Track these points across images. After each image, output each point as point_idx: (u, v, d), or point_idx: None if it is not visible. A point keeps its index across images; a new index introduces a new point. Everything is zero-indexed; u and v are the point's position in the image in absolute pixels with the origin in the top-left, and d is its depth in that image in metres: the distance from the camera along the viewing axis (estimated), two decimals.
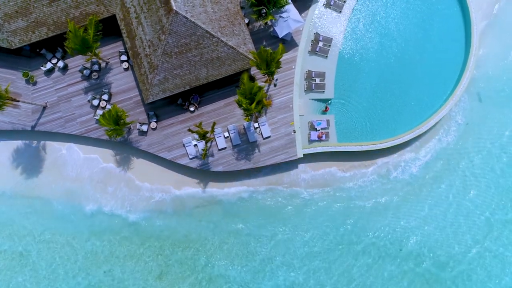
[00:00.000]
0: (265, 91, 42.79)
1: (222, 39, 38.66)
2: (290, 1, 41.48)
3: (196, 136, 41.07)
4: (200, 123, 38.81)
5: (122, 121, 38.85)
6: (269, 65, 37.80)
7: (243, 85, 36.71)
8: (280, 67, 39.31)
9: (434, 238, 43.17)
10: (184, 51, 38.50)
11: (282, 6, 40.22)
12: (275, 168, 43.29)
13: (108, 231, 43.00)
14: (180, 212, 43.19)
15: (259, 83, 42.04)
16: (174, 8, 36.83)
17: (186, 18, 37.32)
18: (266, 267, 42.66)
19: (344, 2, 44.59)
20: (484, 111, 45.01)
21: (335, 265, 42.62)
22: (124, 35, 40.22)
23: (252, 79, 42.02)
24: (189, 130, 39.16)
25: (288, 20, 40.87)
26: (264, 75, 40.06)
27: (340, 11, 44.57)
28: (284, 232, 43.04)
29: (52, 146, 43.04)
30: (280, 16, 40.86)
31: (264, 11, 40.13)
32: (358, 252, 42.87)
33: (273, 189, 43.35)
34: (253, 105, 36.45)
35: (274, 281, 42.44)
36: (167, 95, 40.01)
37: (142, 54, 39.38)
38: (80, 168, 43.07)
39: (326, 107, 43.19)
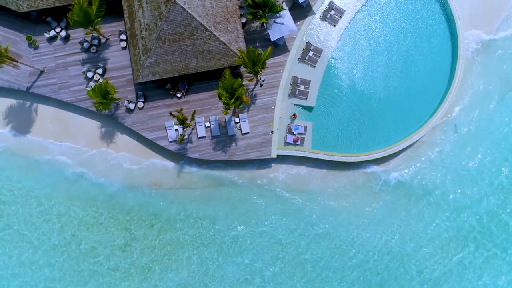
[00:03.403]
0: (251, 89, 44.75)
1: (215, 33, 40.69)
2: (286, 8, 43.42)
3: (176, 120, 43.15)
4: (181, 109, 40.88)
5: (109, 96, 41.04)
6: (255, 65, 39.77)
7: (224, 80, 38.71)
8: (266, 67, 41.31)
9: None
10: (177, 40, 40.60)
11: (278, 12, 42.15)
12: (248, 164, 45.20)
13: (83, 197, 45.05)
14: (154, 191, 45.22)
15: (244, 81, 43.94)
16: None
17: (184, 8, 39.42)
18: (230, 249, 44.55)
19: (340, 17, 46.33)
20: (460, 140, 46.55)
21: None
22: (126, 16, 42.42)
23: (239, 76, 43.99)
24: (171, 113, 41.23)
25: (282, 25, 42.77)
26: (249, 74, 42.00)
27: (335, 25, 46.31)
28: (253, 224, 45.02)
29: (43, 110, 45.34)
30: (275, 21, 42.80)
31: (259, 13, 42.10)
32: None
33: (244, 183, 45.20)
34: (232, 100, 38.41)
35: (239, 259, 44.46)
36: (156, 78, 42.13)
37: (139, 36, 41.56)
38: (66, 133, 45.27)
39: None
